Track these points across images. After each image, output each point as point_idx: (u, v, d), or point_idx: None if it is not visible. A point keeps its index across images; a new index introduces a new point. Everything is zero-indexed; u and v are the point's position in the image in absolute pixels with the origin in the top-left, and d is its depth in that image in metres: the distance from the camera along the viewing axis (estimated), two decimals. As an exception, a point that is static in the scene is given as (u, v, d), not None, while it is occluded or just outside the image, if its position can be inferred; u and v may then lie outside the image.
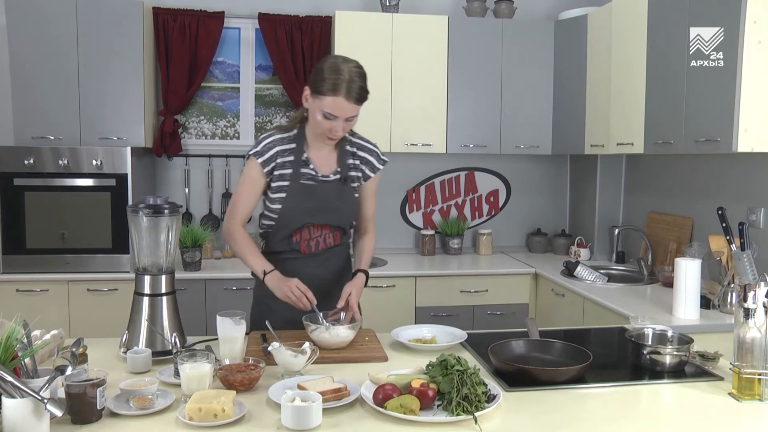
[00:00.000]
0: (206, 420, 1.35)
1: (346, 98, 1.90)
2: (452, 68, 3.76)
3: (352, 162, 2.13)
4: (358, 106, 1.95)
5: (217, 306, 2.64)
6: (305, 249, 2.11)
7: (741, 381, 1.56)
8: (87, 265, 3.33)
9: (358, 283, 2.06)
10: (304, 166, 2.06)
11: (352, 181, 2.13)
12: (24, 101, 3.35)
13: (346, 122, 1.96)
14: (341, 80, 1.90)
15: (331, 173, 2.09)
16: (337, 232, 2.15)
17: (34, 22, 3.32)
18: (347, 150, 2.13)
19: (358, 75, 1.93)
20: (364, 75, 1.96)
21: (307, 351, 1.66)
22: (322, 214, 2.08)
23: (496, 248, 4.19)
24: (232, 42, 3.97)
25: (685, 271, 2.46)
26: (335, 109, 1.91)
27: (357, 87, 1.91)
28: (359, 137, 2.17)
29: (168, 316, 1.84)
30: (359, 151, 2.14)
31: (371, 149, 2.16)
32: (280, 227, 2.09)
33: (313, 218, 2.07)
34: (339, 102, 1.90)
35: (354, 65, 1.95)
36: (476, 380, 1.45)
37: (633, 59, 3.11)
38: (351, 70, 1.92)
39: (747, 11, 2.39)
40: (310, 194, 2.06)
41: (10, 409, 1.23)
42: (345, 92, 1.89)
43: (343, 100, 1.90)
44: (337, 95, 1.90)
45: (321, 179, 2.07)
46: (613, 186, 3.93)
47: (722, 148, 2.51)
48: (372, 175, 2.17)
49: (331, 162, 2.10)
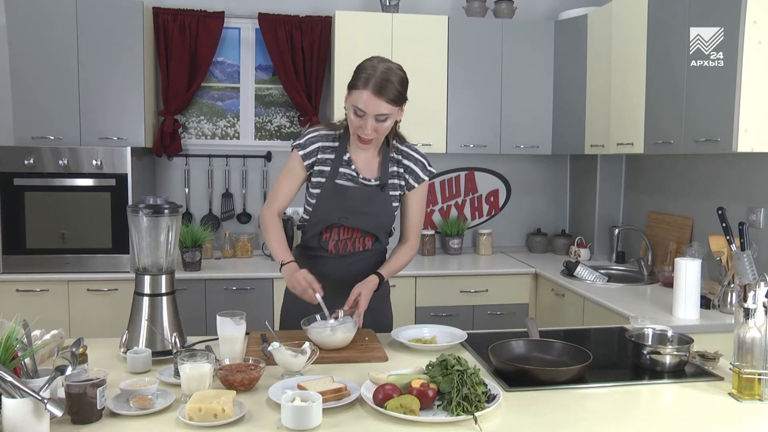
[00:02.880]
0: (206, 420, 1.35)
1: (374, 93, 1.86)
2: (452, 68, 3.76)
3: (395, 169, 2.09)
4: (389, 105, 1.89)
5: (217, 306, 2.65)
6: (332, 249, 2.10)
7: (741, 381, 1.56)
8: (87, 265, 3.33)
9: (368, 284, 2.00)
10: (345, 166, 2.04)
11: (393, 188, 2.08)
12: (24, 101, 3.35)
13: (377, 122, 1.91)
14: (372, 75, 1.87)
15: (372, 177, 2.06)
16: (369, 238, 2.12)
17: (34, 22, 3.33)
18: (392, 157, 2.09)
19: (394, 74, 1.90)
20: (402, 77, 1.93)
21: (307, 351, 1.66)
22: (354, 216, 2.05)
23: (496, 248, 4.19)
24: (232, 42, 3.97)
25: (685, 271, 2.46)
26: (363, 103, 1.88)
27: (388, 85, 1.87)
28: (408, 145, 2.12)
29: (168, 316, 1.83)
30: (405, 159, 2.10)
31: (417, 158, 2.11)
32: (313, 223, 2.08)
33: (343, 219, 2.05)
34: (367, 96, 1.87)
35: (393, 65, 1.93)
36: (476, 380, 1.45)
37: (633, 59, 3.11)
38: (387, 69, 1.89)
39: (747, 11, 2.39)
40: (343, 195, 2.03)
41: (10, 409, 1.23)
42: (374, 87, 1.86)
43: (370, 94, 1.86)
44: (365, 89, 1.87)
45: (361, 181, 2.04)
46: (613, 186, 3.93)
47: (722, 148, 2.51)
48: (416, 185, 2.11)
49: (373, 166, 2.07)
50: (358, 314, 1.94)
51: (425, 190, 2.15)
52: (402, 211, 2.16)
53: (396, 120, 1.99)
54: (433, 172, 2.14)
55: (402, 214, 2.17)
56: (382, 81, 1.87)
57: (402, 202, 2.14)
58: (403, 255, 2.16)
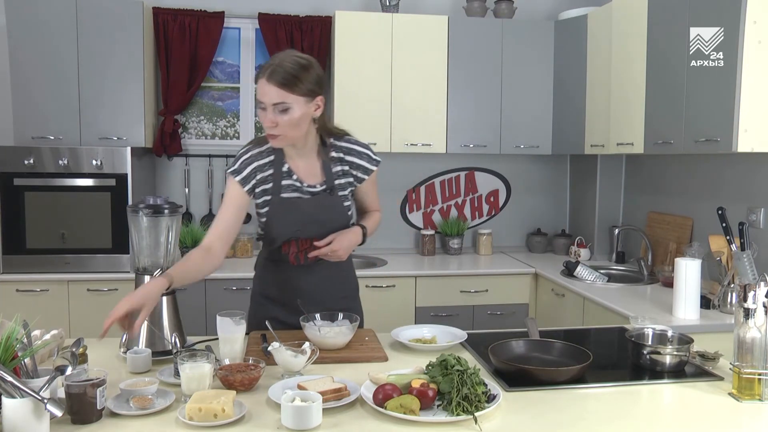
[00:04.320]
0: (206, 420, 1.35)
1: (267, 80, 1.78)
2: (452, 68, 3.76)
3: (339, 169, 2.01)
4: (282, 91, 1.78)
5: (217, 306, 2.64)
6: (294, 261, 2.04)
7: (741, 381, 1.56)
8: (87, 265, 3.33)
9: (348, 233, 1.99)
10: (286, 178, 1.97)
11: (341, 189, 2.02)
12: (24, 101, 3.35)
13: (279, 113, 1.80)
14: (269, 64, 1.80)
15: (317, 183, 1.99)
16: None
17: (33, 22, 3.32)
18: (333, 156, 2.00)
19: (290, 60, 1.81)
20: (301, 64, 1.82)
21: (307, 351, 1.66)
22: (309, 227, 1.98)
23: (496, 248, 4.19)
24: (232, 42, 3.97)
25: (685, 271, 2.46)
26: (259, 93, 1.81)
27: (279, 70, 1.78)
28: (346, 140, 2.04)
29: (168, 316, 1.83)
30: (347, 155, 2.01)
31: (360, 151, 2.03)
32: (270, 240, 2.04)
33: (299, 233, 1.99)
34: (260, 85, 1.80)
35: (293, 53, 1.85)
36: (476, 380, 1.45)
37: (633, 59, 3.11)
38: (285, 56, 1.82)
39: (747, 11, 2.39)
40: (294, 209, 1.97)
41: (10, 409, 1.23)
42: (267, 74, 1.78)
43: (264, 81, 1.79)
44: (261, 78, 1.80)
45: (307, 189, 1.98)
46: (613, 186, 3.93)
47: (722, 148, 2.51)
48: (366, 178, 2.05)
49: (315, 171, 1.99)
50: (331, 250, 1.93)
51: (375, 175, 2.10)
52: (359, 200, 2.12)
53: (311, 115, 1.88)
54: (379, 160, 2.07)
55: (359, 202, 2.13)
56: (275, 67, 1.79)
57: (356, 194, 2.09)
58: (375, 215, 2.16)
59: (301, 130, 1.88)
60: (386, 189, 4.10)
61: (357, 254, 3.93)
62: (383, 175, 4.17)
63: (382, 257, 3.83)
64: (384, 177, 4.18)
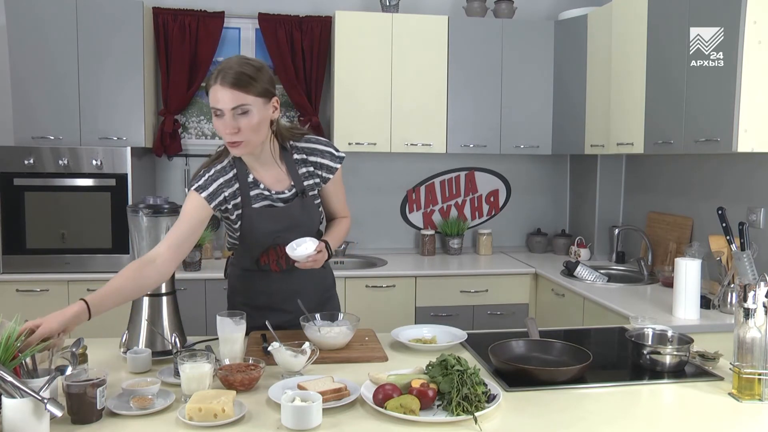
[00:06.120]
0: (206, 420, 1.35)
1: (219, 83, 1.71)
2: (452, 68, 3.76)
3: (305, 170, 1.96)
4: (237, 92, 1.71)
5: (217, 306, 2.64)
6: (276, 267, 2.02)
7: (741, 381, 1.56)
8: (87, 265, 3.33)
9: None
10: (254, 188, 1.91)
11: (311, 189, 1.98)
12: (24, 101, 3.35)
13: (239, 117, 1.73)
14: (217, 70, 1.74)
15: (285, 189, 1.94)
16: None
17: (33, 22, 3.32)
18: (296, 159, 1.96)
19: (239, 62, 1.75)
20: (253, 66, 1.76)
21: (307, 351, 1.66)
22: (287, 233, 1.92)
23: (496, 248, 4.19)
24: (232, 42, 3.97)
25: (685, 271, 2.46)
26: (213, 99, 1.74)
27: (229, 71, 1.71)
28: (306, 140, 1.98)
29: (168, 316, 1.84)
30: (310, 156, 1.96)
31: (323, 150, 1.98)
32: (245, 251, 2.01)
33: (278, 239, 1.94)
34: (214, 90, 1.73)
35: (244, 57, 1.79)
36: (476, 380, 1.45)
37: (633, 59, 3.11)
38: (231, 60, 1.76)
39: (747, 11, 2.39)
40: (269, 219, 1.92)
41: (10, 409, 1.23)
42: (219, 78, 1.72)
43: (217, 86, 1.72)
44: (214, 84, 1.73)
45: (276, 197, 1.92)
46: (613, 186, 3.93)
47: (722, 148, 2.50)
48: (331, 177, 2.00)
49: (281, 177, 1.94)
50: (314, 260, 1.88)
51: (340, 173, 2.03)
52: (325, 200, 2.06)
53: (270, 117, 1.82)
54: (343, 156, 2.01)
55: (326, 203, 2.08)
56: (226, 69, 1.73)
57: (322, 194, 2.04)
58: (342, 224, 2.10)
59: (262, 135, 1.82)
60: (386, 189, 4.11)
61: (357, 254, 3.97)
62: (383, 175, 4.21)
63: (382, 257, 3.83)
64: (384, 177, 4.21)
